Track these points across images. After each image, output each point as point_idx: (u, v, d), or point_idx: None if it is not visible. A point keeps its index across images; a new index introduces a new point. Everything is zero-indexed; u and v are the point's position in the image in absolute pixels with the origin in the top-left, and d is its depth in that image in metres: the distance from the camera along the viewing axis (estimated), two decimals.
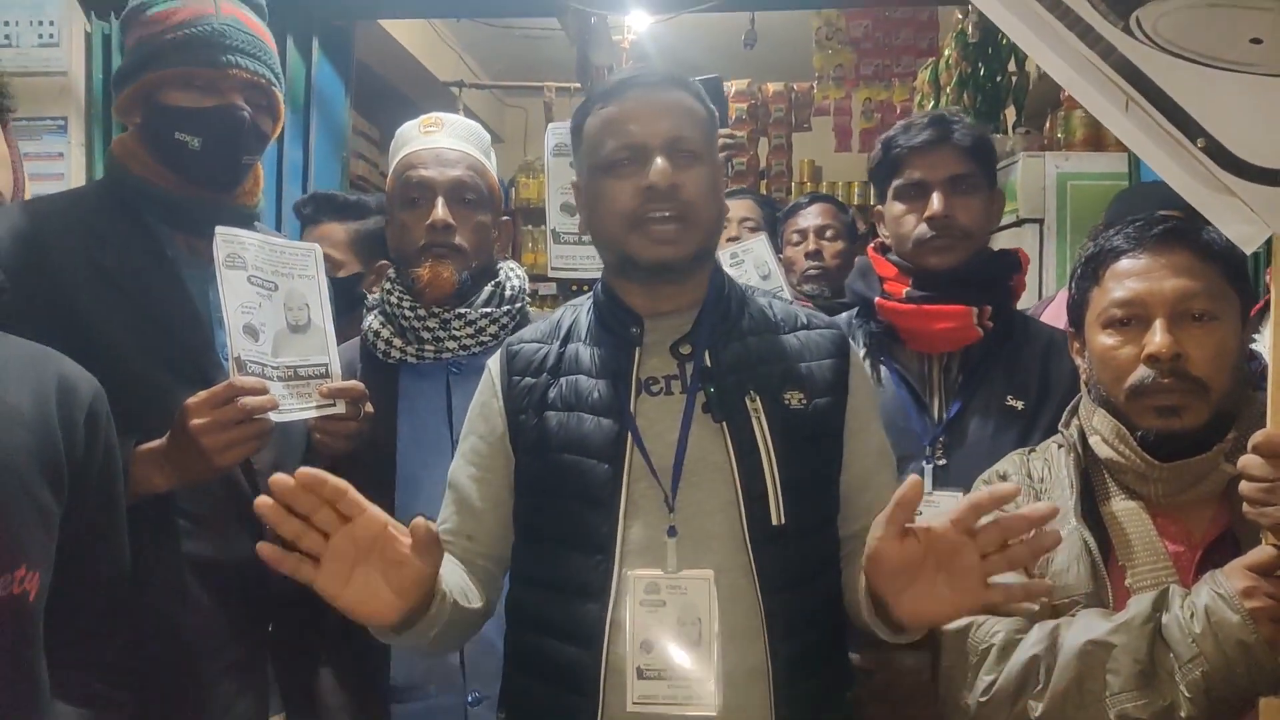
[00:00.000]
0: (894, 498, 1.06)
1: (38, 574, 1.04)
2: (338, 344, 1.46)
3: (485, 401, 1.36)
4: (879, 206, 1.77)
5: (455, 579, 1.25)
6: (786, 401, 1.27)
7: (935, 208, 1.64)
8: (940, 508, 1.53)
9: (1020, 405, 1.60)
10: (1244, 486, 1.12)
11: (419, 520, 1.07)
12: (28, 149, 2.65)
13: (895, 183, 1.71)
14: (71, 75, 2.77)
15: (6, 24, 2.78)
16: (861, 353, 1.67)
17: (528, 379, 1.32)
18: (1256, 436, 1.12)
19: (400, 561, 1.07)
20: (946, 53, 4.22)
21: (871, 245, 1.84)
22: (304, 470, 1.01)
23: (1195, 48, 1.07)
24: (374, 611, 1.08)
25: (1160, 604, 1.16)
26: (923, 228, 1.66)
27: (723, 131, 1.65)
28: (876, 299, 1.71)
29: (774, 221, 2.63)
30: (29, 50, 2.78)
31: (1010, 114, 4.07)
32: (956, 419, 1.62)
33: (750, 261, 2.03)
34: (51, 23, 2.79)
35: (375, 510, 1.07)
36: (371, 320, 1.65)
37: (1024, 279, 1.76)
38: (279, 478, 1.00)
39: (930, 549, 1.06)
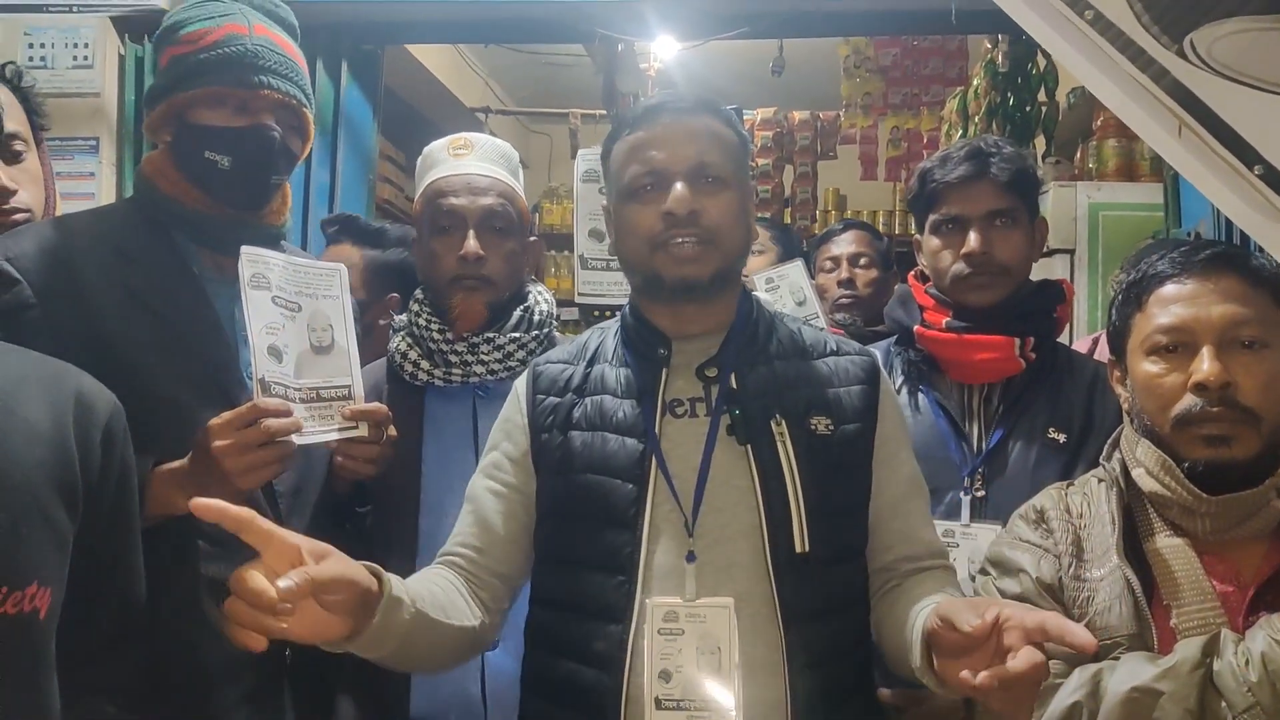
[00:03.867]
0: (966, 626, 1.02)
1: (49, 591, 1.02)
2: (367, 366, 1.45)
3: (509, 418, 1.35)
4: (918, 236, 1.75)
5: (429, 592, 1.21)
6: (813, 427, 1.26)
7: (973, 245, 1.61)
8: (978, 540, 1.50)
9: (1062, 438, 1.57)
10: None
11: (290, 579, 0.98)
12: (60, 168, 2.67)
13: (932, 217, 1.68)
14: (105, 96, 2.81)
15: (42, 46, 2.83)
16: (900, 381, 1.65)
17: (552, 398, 1.32)
18: None
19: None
20: (975, 82, 4.21)
21: (912, 273, 1.82)
22: (197, 502, 0.97)
23: (1252, 72, 1.05)
24: (319, 634, 1.05)
25: (1210, 649, 1.11)
26: (960, 265, 1.63)
27: None
28: (916, 328, 1.68)
29: (793, 248, 2.61)
30: (63, 71, 2.82)
31: (1040, 144, 4.04)
32: (996, 450, 1.59)
33: (785, 287, 2.02)
34: (86, 45, 2.83)
35: (282, 537, 1.01)
36: (399, 342, 1.64)
37: (1069, 310, 1.72)
38: (198, 501, 0.96)
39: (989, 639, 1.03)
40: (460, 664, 1.34)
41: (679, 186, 1.25)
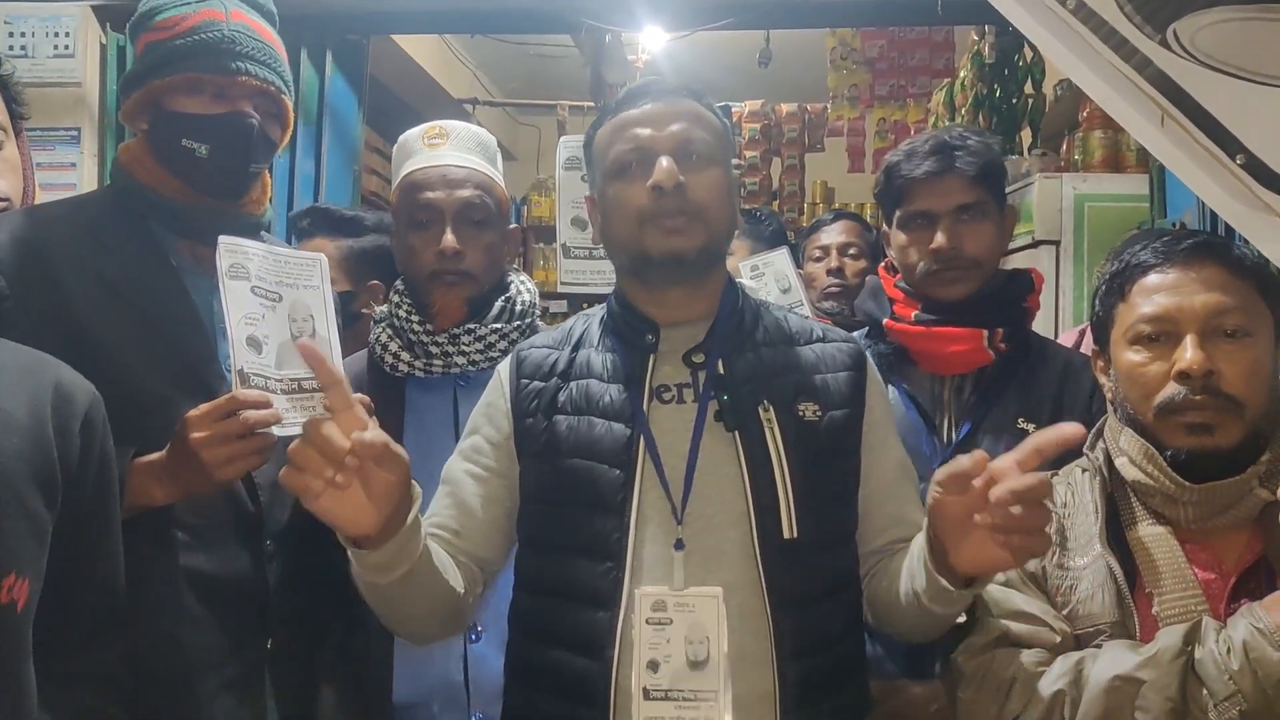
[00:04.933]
0: (951, 468, 1.06)
1: (26, 582, 1.02)
2: (348, 358, 1.44)
3: (492, 402, 1.35)
4: (886, 228, 1.74)
5: (438, 550, 1.23)
6: (800, 413, 1.26)
7: (941, 241, 1.60)
8: None
9: (1031, 428, 1.55)
10: None
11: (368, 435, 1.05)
12: (40, 159, 2.65)
13: (900, 212, 1.67)
14: (86, 86, 2.79)
15: (23, 35, 2.80)
16: None
17: (536, 383, 1.31)
18: None
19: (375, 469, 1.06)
20: (962, 74, 4.21)
21: (882, 265, 1.82)
22: (303, 343, 1.06)
23: (1235, 61, 1.05)
24: (348, 517, 1.06)
25: (1192, 637, 1.11)
26: (930, 260, 1.62)
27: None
28: (886, 320, 1.68)
29: (777, 236, 2.59)
30: (44, 61, 2.80)
31: (1027, 135, 4.05)
32: (966, 441, 1.58)
33: (770, 275, 2.01)
34: (68, 34, 2.80)
35: (360, 408, 1.08)
36: (379, 333, 1.63)
37: (1038, 299, 1.72)
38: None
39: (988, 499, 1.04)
40: (438, 635, 1.33)
41: (665, 160, 1.24)
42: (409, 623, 1.27)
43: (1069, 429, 1.04)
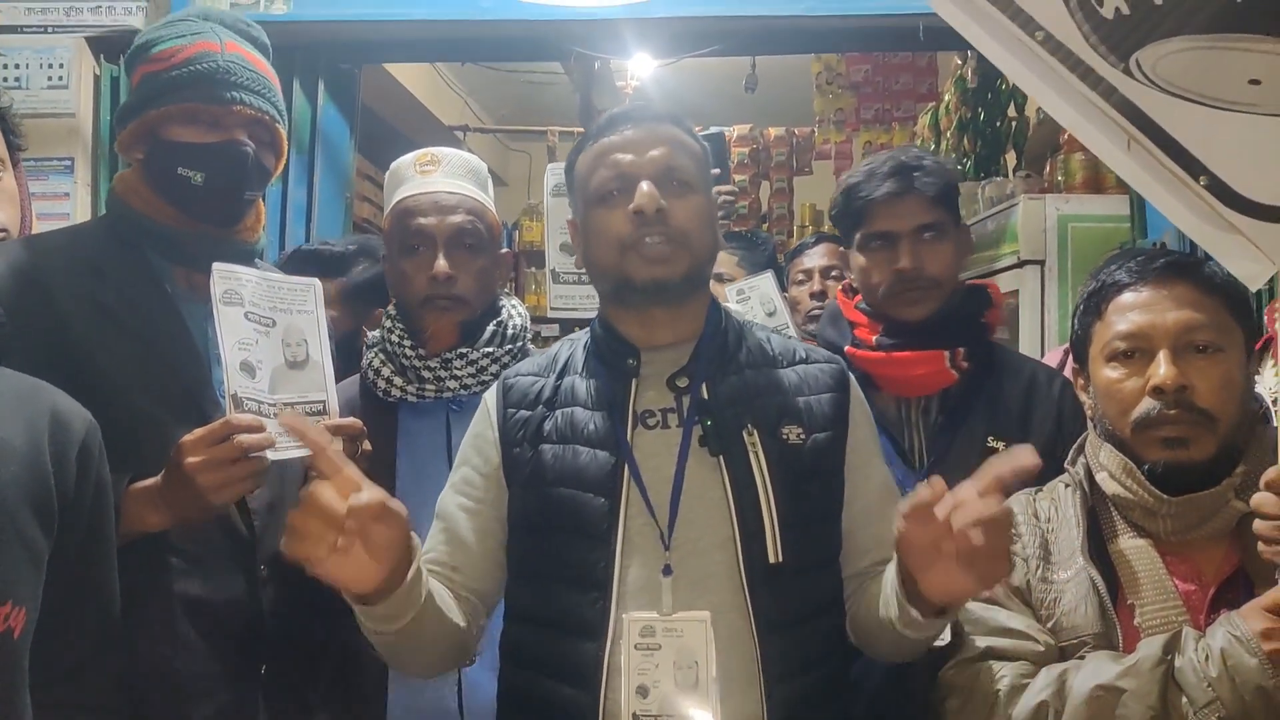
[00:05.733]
0: (914, 500, 1.07)
1: (24, 610, 1.02)
2: (341, 383, 1.45)
3: (480, 433, 1.35)
4: (843, 249, 1.75)
5: (438, 588, 1.23)
6: (785, 436, 1.26)
7: (904, 263, 1.61)
8: None
9: (1002, 446, 1.56)
10: (1258, 525, 1.11)
11: (364, 496, 1.05)
12: (34, 188, 2.64)
13: (860, 234, 1.67)
14: (80, 117, 2.82)
15: (17, 66, 2.83)
16: None
17: (523, 411, 1.31)
18: (1269, 474, 1.10)
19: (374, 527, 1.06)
20: (946, 98, 4.27)
21: (840, 288, 1.82)
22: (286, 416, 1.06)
23: (1195, 88, 1.08)
24: (352, 577, 1.07)
25: (1172, 646, 1.13)
26: (891, 281, 1.62)
27: (723, 188, 1.64)
28: (847, 348, 1.67)
29: (767, 259, 2.62)
30: (38, 92, 2.83)
31: (1011, 158, 4.10)
32: (937, 464, 1.58)
33: (756, 298, 2.03)
34: (61, 65, 2.83)
35: (352, 470, 1.08)
36: (372, 358, 1.65)
37: (998, 312, 1.73)
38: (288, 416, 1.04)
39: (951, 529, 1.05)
40: (444, 670, 1.34)
41: (645, 185, 1.25)
42: (415, 664, 1.28)
43: (1025, 458, 1.06)
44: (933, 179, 1.62)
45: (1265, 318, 1.80)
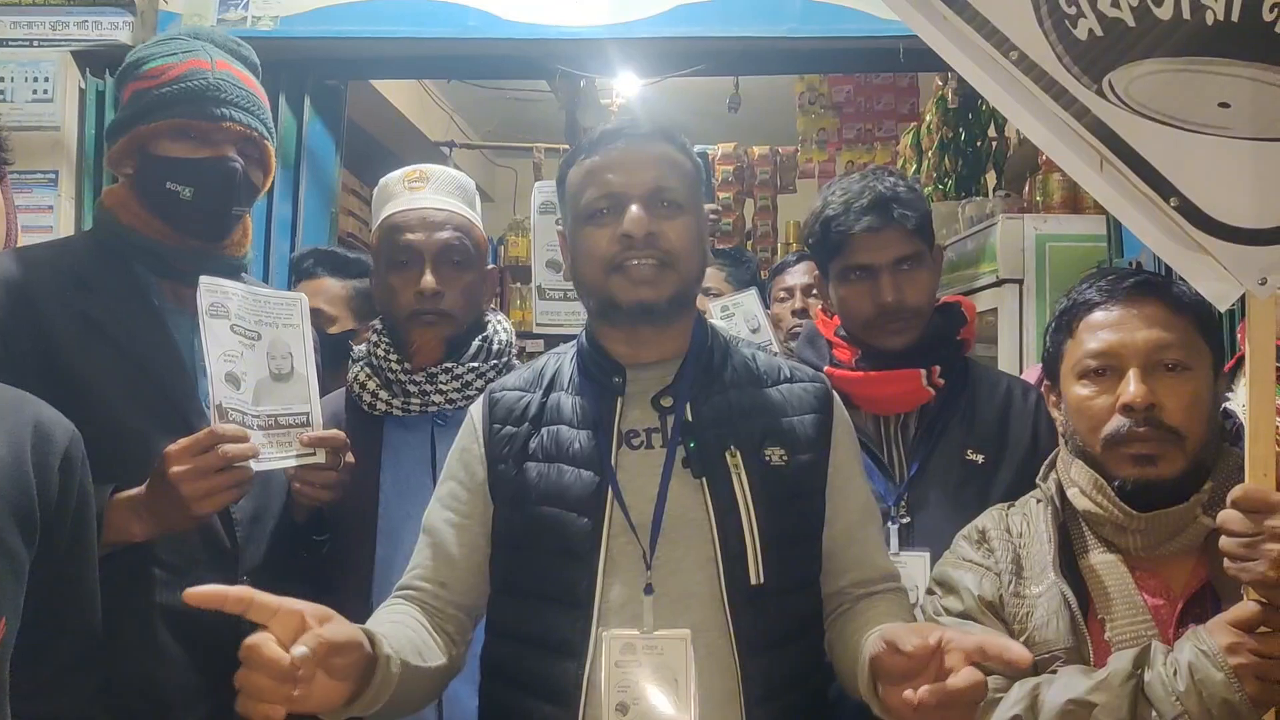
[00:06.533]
0: (908, 646, 1.02)
1: (3, 620, 1.02)
2: (327, 396, 1.45)
3: (466, 447, 1.34)
4: (818, 274, 1.74)
5: (405, 638, 1.19)
6: (767, 458, 1.26)
7: (886, 297, 1.60)
8: (907, 568, 1.51)
9: (980, 459, 1.59)
10: (1224, 542, 1.12)
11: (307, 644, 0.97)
12: (18, 201, 2.67)
13: (838, 265, 1.67)
14: (64, 130, 2.82)
15: (2, 79, 2.83)
16: None
17: (509, 428, 1.31)
18: (1236, 491, 1.12)
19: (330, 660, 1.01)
20: (928, 118, 4.32)
21: (820, 309, 1.83)
22: (192, 592, 0.96)
23: (1166, 110, 1.11)
24: (320, 704, 1.01)
25: (1141, 661, 1.15)
26: (873, 312, 1.63)
27: (708, 207, 1.65)
28: (825, 368, 1.67)
29: (751, 277, 2.65)
30: (23, 105, 2.83)
31: (991, 178, 4.14)
32: (917, 478, 1.60)
33: (740, 315, 2.05)
34: (47, 79, 2.84)
35: (287, 606, 0.99)
36: (358, 372, 1.65)
37: (972, 328, 1.74)
38: (192, 591, 0.96)
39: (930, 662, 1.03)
40: (432, 700, 1.33)
41: (635, 209, 1.24)
42: (403, 714, 1.24)
43: (1017, 655, 1.01)
44: (911, 211, 1.62)
45: (1238, 336, 1.83)
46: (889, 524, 1.57)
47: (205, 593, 0.97)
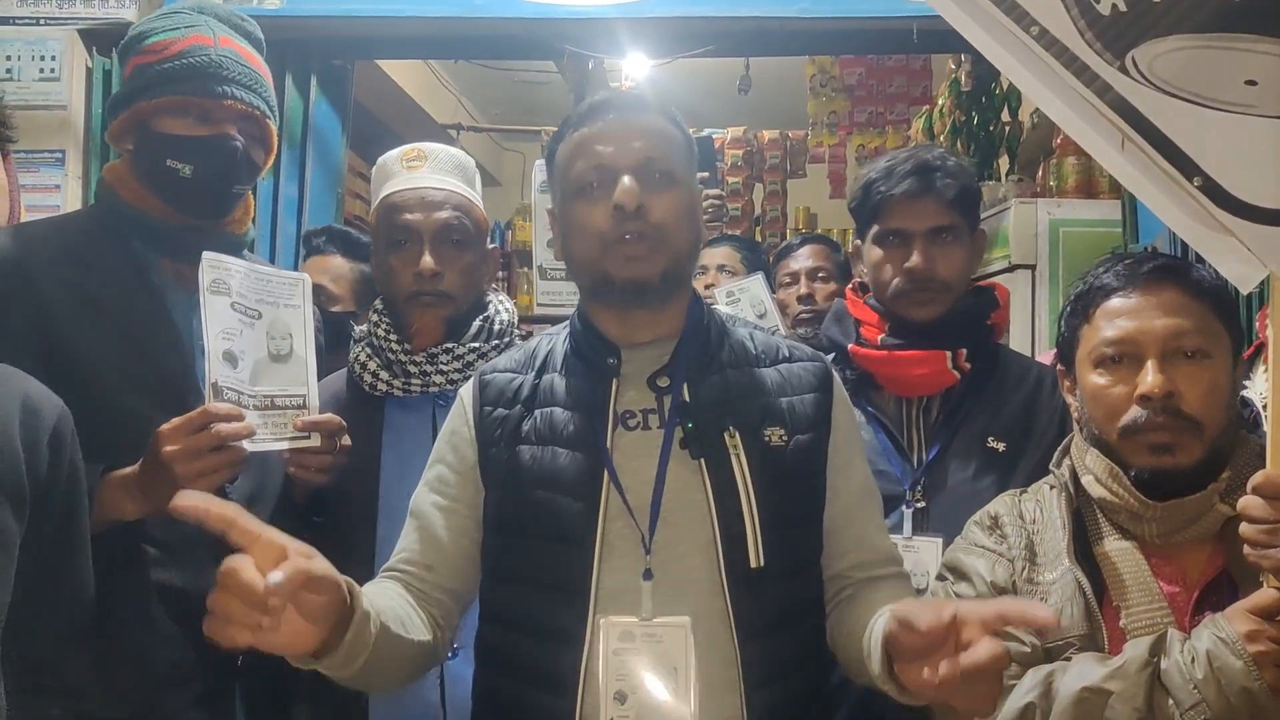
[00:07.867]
0: (923, 623, 0.98)
1: None
2: (327, 376, 1.44)
3: (455, 430, 1.32)
4: (858, 242, 1.73)
5: (388, 604, 1.16)
6: (766, 438, 1.24)
7: (915, 261, 1.60)
8: (920, 554, 1.50)
9: (1002, 447, 1.56)
10: (1244, 528, 1.10)
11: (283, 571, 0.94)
12: (25, 180, 2.67)
13: (875, 228, 1.66)
14: (71, 109, 2.81)
15: (8, 58, 2.82)
16: None
17: (500, 410, 1.28)
18: (1256, 478, 1.10)
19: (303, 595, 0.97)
20: (940, 101, 4.27)
21: (851, 286, 1.81)
22: (179, 502, 0.93)
23: (1191, 88, 1.08)
24: (288, 643, 0.98)
25: (1158, 648, 1.13)
26: (902, 280, 1.62)
27: (711, 192, 1.62)
28: (850, 346, 1.67)
29: (762, 265, 2.63)
30: (30, 84, 2.82)
31: (1004, 162, 4.11)
32: (935, 462, 1.58)
33: (746, 300, 2.03)
34: (53, 57, 2.83)
35: (270, 534, 0.95)
36: (358, 352, 1.64)
37: (1006, 313, 1.72)
38: (180, 498, 0.93)
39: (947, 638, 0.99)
40: (413, 682, 1.30)
41: (627, 180, 1.21)
42: (381, 688, 1.23)
43: (1041, 617, 0.98)
44: (952, 181, 1.61)
45: (1257, 323, 1.80)
46: (904, 507, 1.55)
47: (190, 503, 0.93)
